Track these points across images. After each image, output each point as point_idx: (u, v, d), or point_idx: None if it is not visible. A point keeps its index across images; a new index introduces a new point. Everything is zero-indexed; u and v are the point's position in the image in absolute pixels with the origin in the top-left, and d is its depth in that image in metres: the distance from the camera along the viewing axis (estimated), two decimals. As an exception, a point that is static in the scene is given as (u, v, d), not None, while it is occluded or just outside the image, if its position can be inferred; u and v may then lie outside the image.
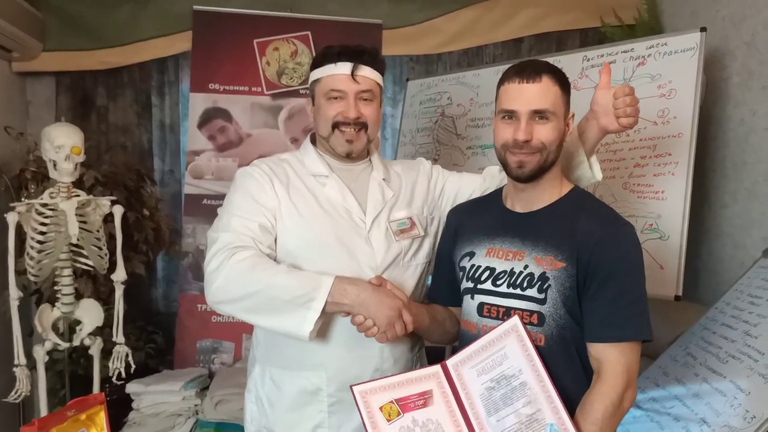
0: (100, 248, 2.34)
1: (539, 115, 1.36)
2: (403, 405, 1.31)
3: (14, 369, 2.27)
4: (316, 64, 1.60)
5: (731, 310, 2.09)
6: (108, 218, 2.39)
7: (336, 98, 1.56)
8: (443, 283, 1.58)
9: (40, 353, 2.28)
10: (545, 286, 1.33)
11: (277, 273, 1.39)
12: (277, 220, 1.51)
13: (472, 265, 1.46)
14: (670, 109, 2.28)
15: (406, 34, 3.37)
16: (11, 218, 2.21)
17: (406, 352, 1.59)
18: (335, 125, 1.56)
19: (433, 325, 1.54)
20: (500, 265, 1.40)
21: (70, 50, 3.19)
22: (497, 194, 1.55)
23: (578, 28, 3.39)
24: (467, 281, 1.47)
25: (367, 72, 1.56)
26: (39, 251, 2.24)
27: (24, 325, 2.33)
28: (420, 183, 1.71)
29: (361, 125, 1.56)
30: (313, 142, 1.67)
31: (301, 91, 3.23)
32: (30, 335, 2.70)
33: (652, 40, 2.43)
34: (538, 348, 1.32)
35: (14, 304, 2.25)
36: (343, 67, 1.55)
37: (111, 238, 2.41)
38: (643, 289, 1.32)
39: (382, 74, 1.63)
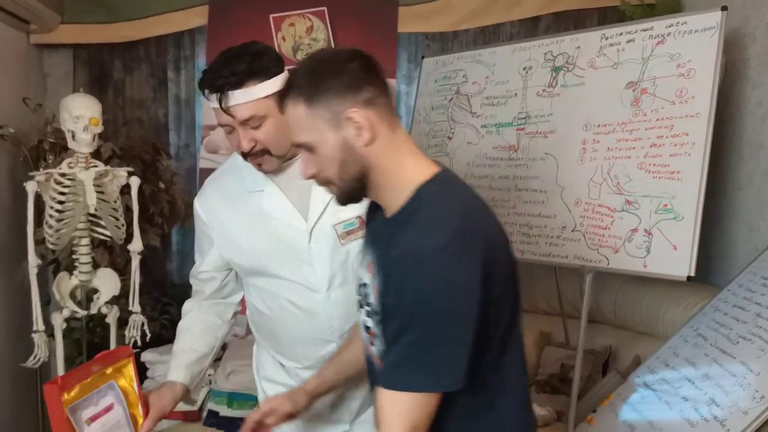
0: (117, 218, 2.37)
1: (303, 148, 1.09)
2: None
3: (33, 335, 2.32)
4: None
5: (744, 291, 2.09)
6: (124, 190, 2.41)
7: (228, 132, 1.42)
8: None
9: (58, 320, 2.33)
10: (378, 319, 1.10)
11: (177, 338, 1.60)
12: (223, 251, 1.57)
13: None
14: (688, 89, 2.25)
15: (422, 12, 3.33)
16: (30, 187, 2.24)
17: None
18: (243, 155, 1.44)
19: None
20: (367, 279, 1.16)
21: (87, 23, 3.19)
22: None
23: (597, 6, 3.34)
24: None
25: (238, 98, 1.34)
26: (58, 220, 2.28)
27: (41, 294, 2.37)
28: None
29: (260, 152, 1.40)
30: None
31: (316, 67, 3.22)
32: (47, 304, 2.74)
33: (671, 18, 2.39)
34: None
35: (33, 272, 2.29)
36: (214, 100, 1.37)
37: (127, 210, 2.44)
38: (434, 332, 0.97)
39: (276, 74, 1.37)
